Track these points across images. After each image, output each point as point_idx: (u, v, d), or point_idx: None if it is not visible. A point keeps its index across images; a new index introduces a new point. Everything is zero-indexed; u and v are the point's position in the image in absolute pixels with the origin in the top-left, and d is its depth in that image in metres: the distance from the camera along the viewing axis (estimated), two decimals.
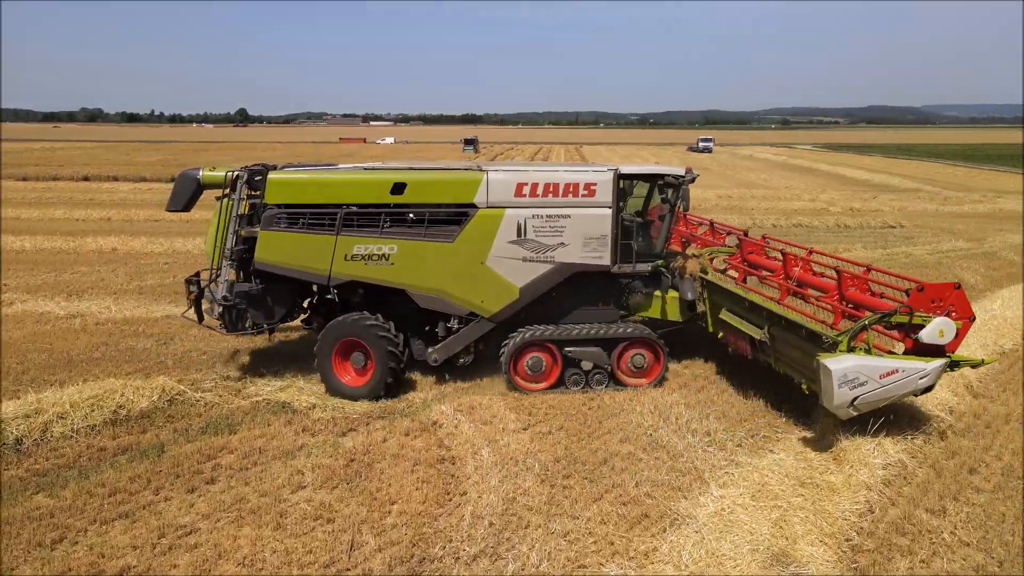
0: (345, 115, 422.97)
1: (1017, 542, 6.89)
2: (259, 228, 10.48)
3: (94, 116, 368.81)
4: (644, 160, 72.42)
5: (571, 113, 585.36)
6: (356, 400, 10.41)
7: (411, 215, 10.55)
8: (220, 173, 11.23)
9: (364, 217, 10.46)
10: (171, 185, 12.00)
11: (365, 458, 8.64)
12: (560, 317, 11.28)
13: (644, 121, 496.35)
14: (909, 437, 8.92)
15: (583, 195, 10.64)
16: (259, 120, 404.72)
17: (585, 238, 10.70)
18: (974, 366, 9.10)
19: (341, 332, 10.55)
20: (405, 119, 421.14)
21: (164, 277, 18.52)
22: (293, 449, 8.85)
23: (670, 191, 11.31)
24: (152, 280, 18.17)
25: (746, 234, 12.65)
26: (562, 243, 10.65)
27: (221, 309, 10.63)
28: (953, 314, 8.69)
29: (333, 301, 11.05)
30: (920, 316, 8.63)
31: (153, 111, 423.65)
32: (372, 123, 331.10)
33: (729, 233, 13.97)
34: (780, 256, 11.32)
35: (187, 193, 11.29)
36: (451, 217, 10.57)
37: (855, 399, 8.32)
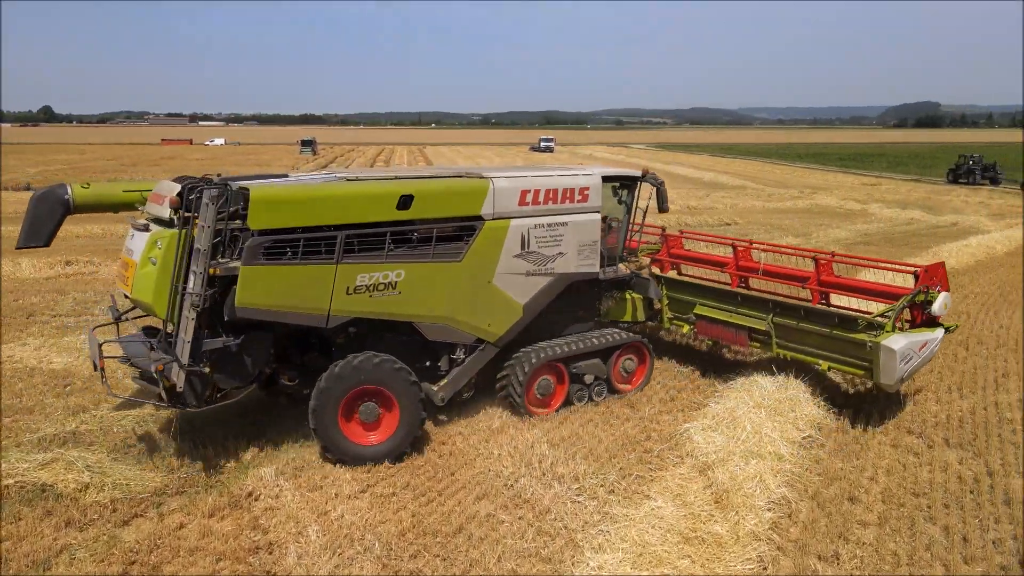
0: (170, 114, 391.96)
1: None
2: (239, 263, 7.95)
3: None
4: (489, 160, 72.08)
5: (414, 113, 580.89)
6: (376, 463, 8.53)
7: (416, 233, 9.07)
8: (98, 190, 8.82)
9: (367, 239, 8.62)
10: None
11: (152, 558, 6.65)
12: (548, 332, 10.45)
13: (487, 121, 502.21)
14: (787, 465, 8.24)
15: (578, 200, 10.19)
16: (68, 119, 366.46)
17: (580, 246, 10.26)
18: (951, 330, 10.21)
19: (356, 380, 8.51)
20: (238, 119, 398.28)
21: None
22: (50, 555, 6.66)
23: (624, 192, 11.12)
24: None
25: (664, 231, 13.02)
26: (560, 253, 10.09)
27: (185, 378, 7.85)
28: (941, 289, 9.95)
29: (312, 346, 9.26)
30: (931, 293, 9.77)
31: None
32: (201, 123, 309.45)
33: None
34: (706, 249, 13.02)
35: (51, 220, 8.57)
36: (458, 233, 9.31)
37: (905, 373, 9.41)
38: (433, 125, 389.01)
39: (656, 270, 12.64)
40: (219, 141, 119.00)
